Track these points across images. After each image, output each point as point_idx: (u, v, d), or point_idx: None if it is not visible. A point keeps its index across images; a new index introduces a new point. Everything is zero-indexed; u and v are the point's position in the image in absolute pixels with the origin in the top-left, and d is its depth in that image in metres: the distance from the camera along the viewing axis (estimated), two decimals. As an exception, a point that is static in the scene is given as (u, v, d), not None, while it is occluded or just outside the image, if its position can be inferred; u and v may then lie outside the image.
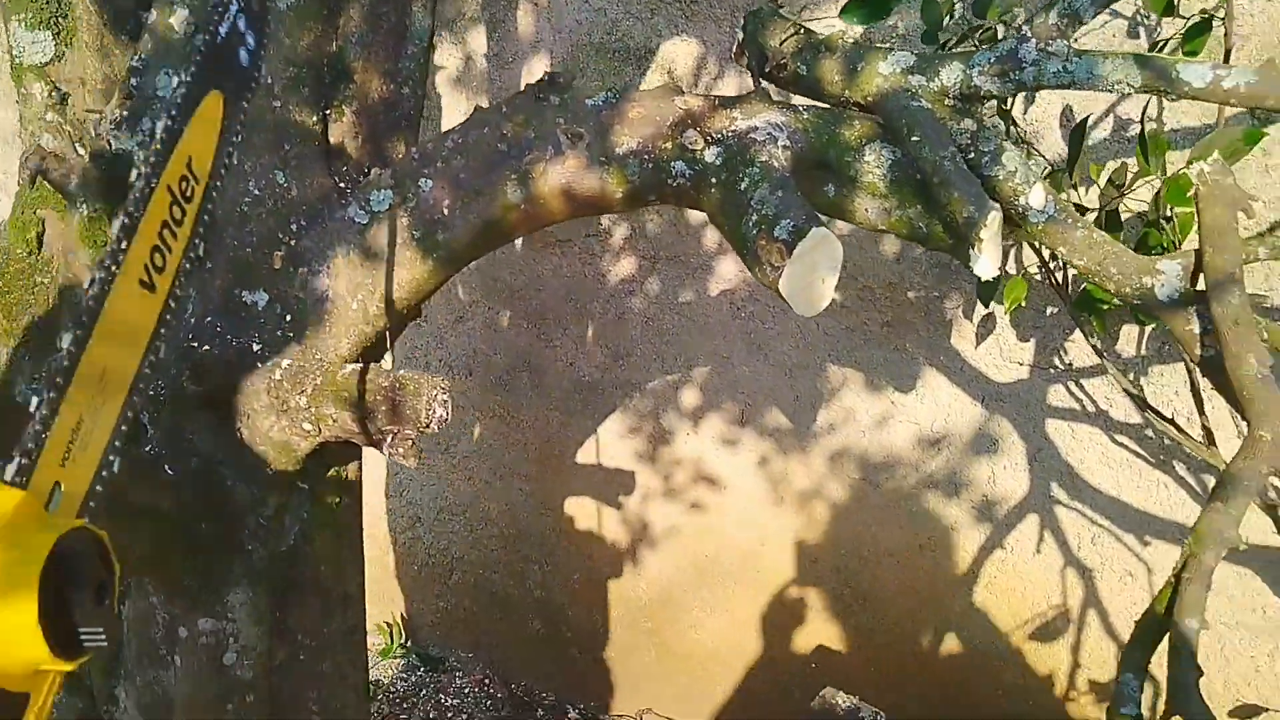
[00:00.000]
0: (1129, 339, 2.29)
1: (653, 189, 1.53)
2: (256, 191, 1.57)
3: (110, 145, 1.58)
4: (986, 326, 2.47)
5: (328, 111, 1.62)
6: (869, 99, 1.50)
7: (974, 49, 1.46)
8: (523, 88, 1.58)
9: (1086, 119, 1.93)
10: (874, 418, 2.69)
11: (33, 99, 1.71)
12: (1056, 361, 2.40)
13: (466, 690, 3.59)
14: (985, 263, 1.42)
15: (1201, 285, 1.37)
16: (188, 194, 1.12)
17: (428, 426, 1.44)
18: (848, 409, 2.73)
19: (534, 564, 3.47)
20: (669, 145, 1.50)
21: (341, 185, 1.62)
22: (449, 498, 3.58)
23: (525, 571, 3.50)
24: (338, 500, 1.72)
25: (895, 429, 2.67)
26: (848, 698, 2.14)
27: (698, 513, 3.07)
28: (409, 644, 3.84)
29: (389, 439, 1.49)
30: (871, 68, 1.50)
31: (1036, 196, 1.43)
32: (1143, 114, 2.02)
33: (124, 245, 1.02)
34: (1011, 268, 2.36)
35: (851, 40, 1.56)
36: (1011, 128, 2.11)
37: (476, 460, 3.46)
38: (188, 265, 1.11)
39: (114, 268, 1.00)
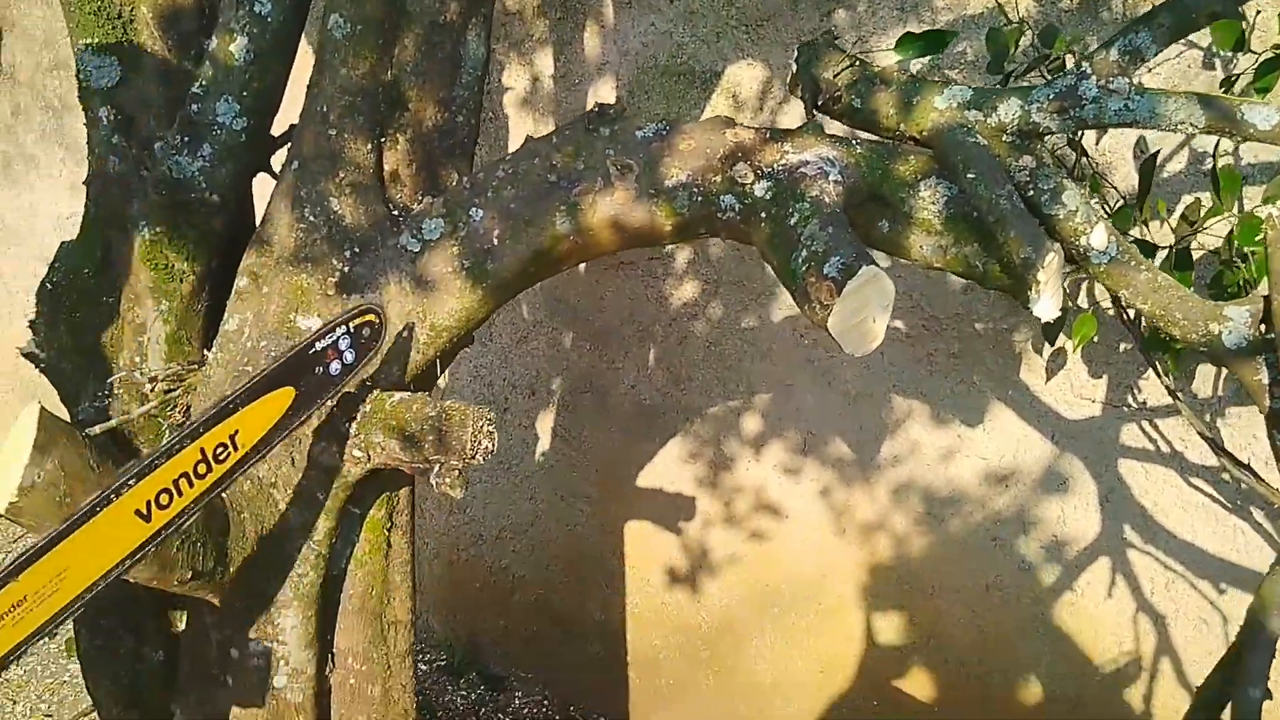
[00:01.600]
0: (1205, 379, 2.21)
1: (702, 222, 1.51)
2: (311, 218, 1.59)
3: (170, 171, 1.61)
4: (1057, 362, 2.40)
5: (382, 139, 1.62)
6: (924, 134, 1.47)
7: (1032, 85, 1.41)
8: (573, 119, 1.58)
9: (1156, 154, 1.87)
10: (940, 451, 2.64)
11: (99, 123, 1.75)
12: (1130, 400, 2.33)
13: (525, 711, 3.59)
14: (1045, 304, 1.38)
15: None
16: (220, 457, 1.29)
17: (473, 457, 1.44)
18: (913, 441, 2.67)
19: (595, 586, 3.46)
20: (718, 178, 1.48)
21: (395, 213, 1.62)
22: (511, 517, 3.59)
23: (586, 594, 3.49)
24: (389, 525, 1.72)
25: (962, 463, 2.61)
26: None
27: (759, 541, 3.03)
28: (469, 661, 3.85)
29: (435, 469, 1.49)
30: (927, 102, 1.47)
31: (1098, 237, 1.38)
32: (1215, 149, 1.95)
33: (132, 482, 1.19)
34: (1083, 301, 2.29)
35: (907, 73, 1.53)
36: (1083, 159, 2.06)
37: (539, 480, 3.46)
38: (193, 508, 1.26)
39: (113, 496, 1.17)
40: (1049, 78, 1.94)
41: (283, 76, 1.68)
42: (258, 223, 1.83)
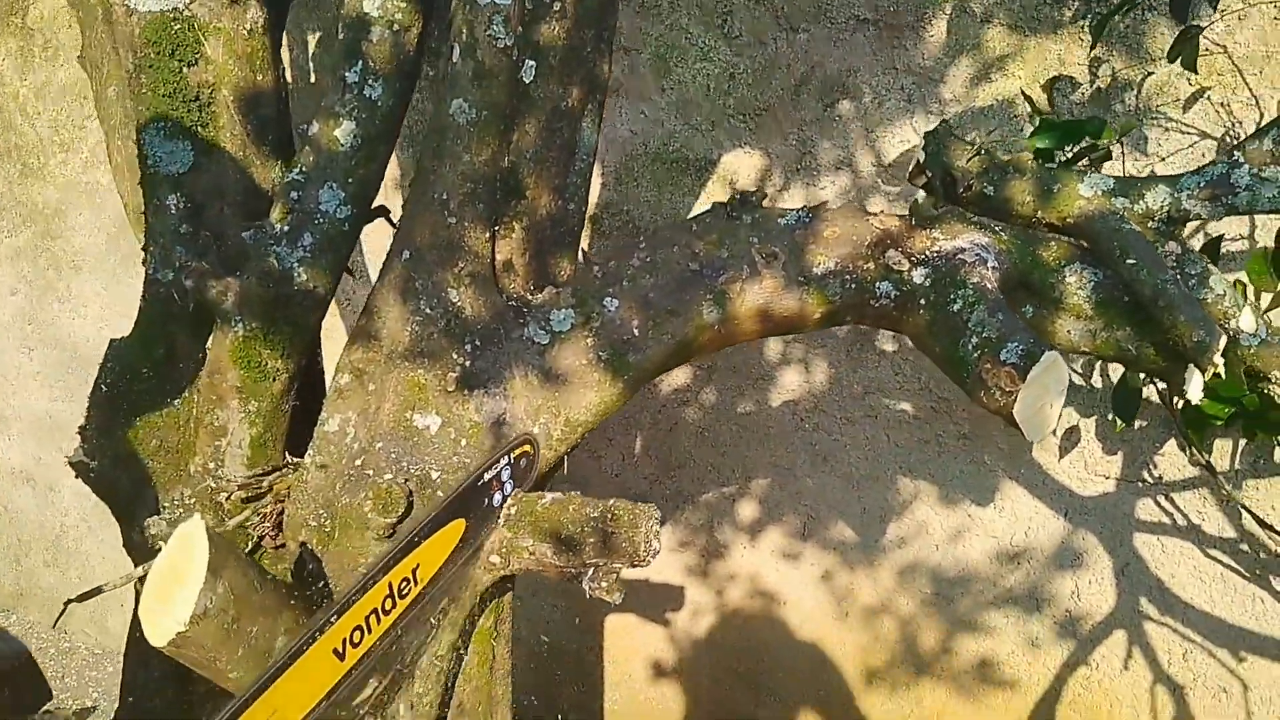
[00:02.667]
0: (1222, 453, 2.30)
1: (851, 309, 1.50)
2: (428, 310, 1.50)
3: (276, 262, 1.50)
4: (1070, 440, 2.46)
5: (497, 228, 1.55)
6: (1067, 220, 1.50)
7: (1180, 173, 1.46)
8: (712, 206, 1.55)
9: (1220, 238, 1.95)
10: (948, 531, 2.66)
11: (166, 210, 1.62)
12: (1146, 475, 2.40)
13: (492, 821, 3.40)
14: (1197, 386, 1.42)
15: None
16: (404, 592, 1.31)
17: (644, 560, 1.36)
18: (920, 522, 2.69)
19: (568, 685, 3.34)
20: (870, 265, 1.47)
21: (511, 303, 1.55)
22: (474, 616, 3.43)
23: (558, 693, 3.36)
24: (495, 635, 1.62)
25: (971, 543, 2.64)
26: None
27: (754, 629, 2.98)
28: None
29: (590, 573, 1.40)
30: (1070, 190, 1.50)
31: (1247, 320, 1.43)
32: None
33: (334, 620, 1.20)
34: (1098, 381, 2.37)
35: (1038, 163, 1.56)
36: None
37: (507, 577, 3.33)
38: (380, 645, 1.28)
39: (317, 635, 1.18)
40: (1095, 167, 2.02)
41: (385, 162, 1.59)
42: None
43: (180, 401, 1.63)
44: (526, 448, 1.47)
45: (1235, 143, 1.46)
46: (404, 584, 1.27)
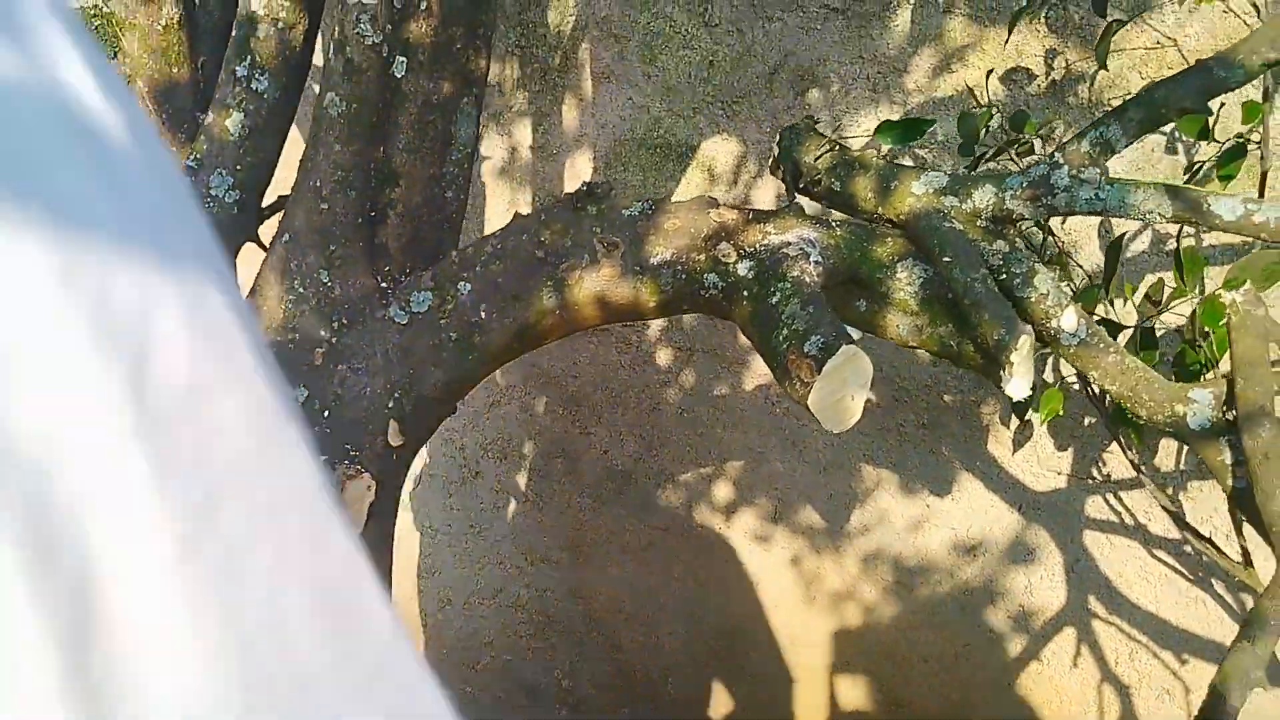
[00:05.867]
0: (1167, 453, 2.27)
1: (685, 299, 1.55)
2: (301, 290, 1.61)
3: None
4: (1024, 434, 2.45)
5: (373, 214, 1.66)
6: (901, 217, 1.52)
7: (1007, 171, 1.47)
8: (560, 197, 1.62)
9: (1123, 236, 1.94)
10: (909, 520, 2.67)
11: (92, 192, 1.77)
12: (1095, 472, 2.38)
13: (491, 779, 3.55)
14: (1017, 384, 1.43)
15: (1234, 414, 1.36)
16: None
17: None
18: (882, 510, 2.71)
19: (562, 652, 3.45)
20: (702, 257, 1.52)
21: (384, 285, 1.65)
22: (480, 581, 3.58)
23: (553, 659, 3.48)
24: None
25: (930, 533, 2.65)
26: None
27: (730, 610, 3.05)
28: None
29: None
30: (904, 187, 1.52)
31: (1068, 320, 1.43)
32: (1179, 234, 2.03)
33: None
34: (1050, 376, 2.35)
35: (884, 159, 1.59)
36: (1049, 239, 2.12)
37: (508, 545, 3.46)
38: None
39: None
40: (1018, 160, 2.02)
41: (275, 152, 1.71)
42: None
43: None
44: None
45: (1059, 144, 1.46)
46: None
